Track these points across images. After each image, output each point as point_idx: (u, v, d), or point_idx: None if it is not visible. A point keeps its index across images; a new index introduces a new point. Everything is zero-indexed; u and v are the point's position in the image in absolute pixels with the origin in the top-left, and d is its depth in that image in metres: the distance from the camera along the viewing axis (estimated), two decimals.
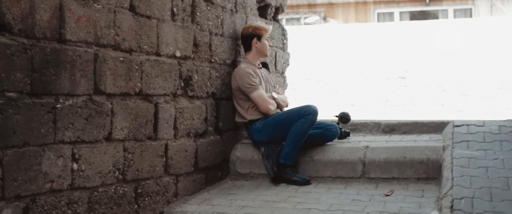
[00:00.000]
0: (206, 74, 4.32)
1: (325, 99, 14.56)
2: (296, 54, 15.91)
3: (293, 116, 4.39)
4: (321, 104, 14.70)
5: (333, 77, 14.98)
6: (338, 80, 14.88)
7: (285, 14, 19.08)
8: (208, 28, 4.35)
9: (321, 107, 14.95)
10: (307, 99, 14.89)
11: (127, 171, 3.45)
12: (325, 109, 14.26)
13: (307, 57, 15.83)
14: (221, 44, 4.54)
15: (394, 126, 5.04)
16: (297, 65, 15.58)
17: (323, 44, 16.10)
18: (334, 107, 14.37)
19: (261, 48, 4.67)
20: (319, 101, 14.52)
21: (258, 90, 4.49)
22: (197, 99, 4.21)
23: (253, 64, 4.66)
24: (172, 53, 3.88)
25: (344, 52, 15.73)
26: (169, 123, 3.84)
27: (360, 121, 5.20)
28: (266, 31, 4.69)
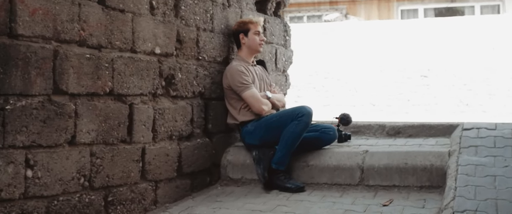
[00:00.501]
0: (192, 73, 4.02)
1: (345, 99, 14.18)
2: (315, 52, 15.57)
3: (285, 118, 4.08)
4: (341, 104, 14.33)
5: (353, 76, 14.58)
6: (358, 79, 14.47)
7: (306, 12, 18.71)
8: (195, 23, 4.06)
9: (344, 107, 14.54)
10: (326, 98, 14.54)
11: (94, 177, 3.18)
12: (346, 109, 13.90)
13: (327, 55, 15.44)
14: (210, 41, 4.25)
15: (400, 129, 4.67)
16: (316, 63, 15.22)
17: (343, 41, 15.68)
18: (353, 106, 13.98)
19: (250, 44, 4.36)
20: (338, 100, 14.15)
21: (250, 89, 4.18)
22: (181, 100, 3.93)
23: (246, 62, 4.36)
24: (150, 50, 3.60)
25: (365, 50, 15.29)
26: (146, 125, 3.56)
27: (363, 123, 4.85)
28: (253, 24, 4.38)
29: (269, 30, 5.17)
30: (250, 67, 4.36)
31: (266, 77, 4.51)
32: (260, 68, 4.53)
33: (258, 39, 4.40)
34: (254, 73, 4.35)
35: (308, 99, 14.56)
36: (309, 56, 15.45)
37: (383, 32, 15.66)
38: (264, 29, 5.10)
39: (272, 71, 5.20)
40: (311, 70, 15.07)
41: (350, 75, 14.58)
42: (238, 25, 4.39)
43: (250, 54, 4.41)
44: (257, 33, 4.40)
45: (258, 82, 4.35)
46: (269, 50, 5.17)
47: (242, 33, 4.34)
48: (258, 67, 4.52)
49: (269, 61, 5.15)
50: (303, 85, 14.79)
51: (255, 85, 4.29)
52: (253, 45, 4.38)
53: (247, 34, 4.35)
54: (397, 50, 14.72)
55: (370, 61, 14.65)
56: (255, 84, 4.30)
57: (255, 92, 4.20)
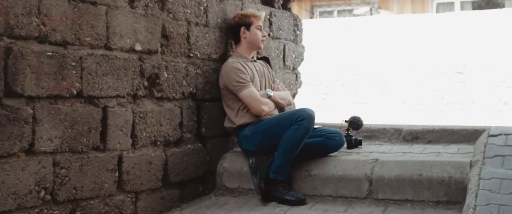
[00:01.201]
0: (181, 72, 3.64)
1: (374, 96, 13.62)
2: (344, 48, 15.02)
3: (284, 122, 3.66)
4: (371, 101, 13.76)
5: (384, 73, 13.99)
6: (389, 75, 13.89)
7: (336, 6, 18.15)
8: (185, 17, 3.67)
9: (373, 105, 13.86)
10: (355, 96, 14.01)
11: (58, 190, 2.82)
12: (376, 107, 13.32)
13: (356, 51, 14.87)
14: (204, 36, 3.85)
15: (418, 134, 4.20)
16: (345, 59, 14.67)
17: (374, 37, 15.06)
18: (383, 104, 13.41)
19: (251, 39, 3.95)
20: (367, 98, 13.60)
21: (248, 88, 3.77)
22: (167, 101, 3.55)
23: (244, 57, 3.95)
24: (129, 46, 3.23)
25: (396, 45, 14.65)
26: (123, 130, 3.19)
27: (378, 126, 4.39)
28: (256, 18, 3.97)
29: (276, 24, 4.75)
30: (249, 63, 3.95)
31: (268, 73, 4.09)
32: (262, 64, 4.11)
33: (260, 34, 3.99)
34: (254, 70, 3.94)
35: (336, 97, 14.05)
36: (338, 52, 14.92)
37: (416, 26, 14.97)
38: (270, 23, 4.68)
39: (279, 69, 4.78)
40: (340, 67, 14.54)
41: (380, 71, 14.01)
42: (239, 17, 3.98)
43: (249, 50, 4.01)
44: (259, 28, 3.99)
45: (258, 80, 3.94)
46: (276, 46, 4.75)
47: (243, 26, 3.94)
48: (259, 62, 4.11)
49: (276, 58, 4.73)
50: (332, 83, 14.28)
51: (255, 83, 3.88)
52: (254, 40, 3.97)
53: (249, 28, 3.95)
54: (431, 45, 14.05)
55: (401, 57, 14.03)
56: (255, 81, 3.89)
57: (253, 91, 3.78)
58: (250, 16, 3.98)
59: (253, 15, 3.99)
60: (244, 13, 4.02)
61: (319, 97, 14.17)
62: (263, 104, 3.79)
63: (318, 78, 14.80)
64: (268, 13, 4.65)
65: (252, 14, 4.00)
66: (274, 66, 4.69)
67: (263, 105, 3.79)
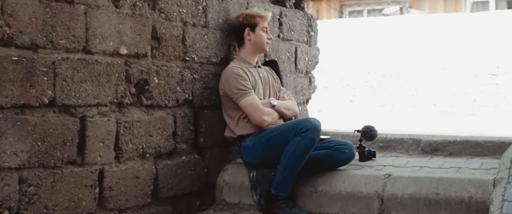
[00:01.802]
0: (175, 77, 3.34)
1: (404, 99, 13.14)
2: (373, 48, 14.55)
3: (287, 133, 3.32)
4: (400, 104, 13.27)
5: (414, 74, 13.49)
6: (419, 77, 13.38)
7: (366, 5, 17.67)
8: (180, 17, 3.37)
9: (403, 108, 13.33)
10: (384, 98, 13.54)
11: (25, 209, 2.55)
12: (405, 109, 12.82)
13: (385, 51, 14.39)
14: (202, 38, 3.55)
15: (438, 145, 3.81)
16: (374, 60, 14.21)
17: (404, 37, 14.55)
18: (413, 106, 12.92)
19: (256, 41, 3.62)
20: (397, 100, 13.12)
21: (248, 96, 3.45)
22: (159, 109, 3.25)
23: (247, 62, 3.63)
24: (112, 50, 2.94)
25: (427, 45, 14.12)
26: (106, 141, 2.90)
27: (394, 135, 4.01)
28: (262, 19, 3.64)
29: (287, 24, 4.41)
30: (252, 69, 3.62)
31: (273, 80, 3.76)
32: (267, 70, 3.79)
33: (266, 36, 3.67)
34: (257, 76, 3.61)
35: (364, 99, 13.60)
36: (367, 52, 14.47)
37: (448, 26, 14.41)
38: (280, 23, 4.35)
39: (290, 73, 4.44)
40: (369, 68, 14.09)
41: (410, 73, 13.51)
42: (244, 17, 3.66)
43: (253, 54, 3.68)
44: (265, 30, 3.67)
45: (262, 87, 3.61)
46: (287, 48, 4.41)
47: (248, 27, 3.62)
48: (265, 68, 3.78)
49: (286, 62, 4.39)
50: (360, 84, 13.84)
51: (257, 91, 3.55)
52: (260, 43, 3.65)
53: (254, 30, 3.62)
54: (463, 45, 13.50)
55: (432, 58, 13.51)
56: (257, 89, 3.56)
57: (254, 99, 3.46)
58: (255, 16, 3.65)
59: (258, 16, 3.66)
60: (249, 13, 3.70)
61: (347, 99, 13.74)
62: (265, 114, 3.46)
63: (346, 80, 14.38)
64: (278, 12, 4.32)
65: (257, 14, 3.67)
66: (285, 70, 4.36)
67: (265, 116, 3.46)
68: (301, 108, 4.65)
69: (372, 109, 13.18)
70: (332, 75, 14.40)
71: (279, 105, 3.59)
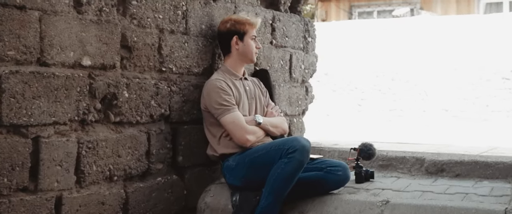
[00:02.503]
0: (150, 90, 3.01)
1: (414, 103, 12.73)
2: (382, 51, 14.14)
3: (273, 153, 2.97)
4: (410, 108, 12.85)
5: (424, 77, 13.08)
6: (429, 80, 12.97)
7: (376, 6, 17.26)
8: (156, 23, 3.03)
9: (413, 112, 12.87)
10: (393, 102, 13.14)
11: None
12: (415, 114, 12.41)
13: (395, 54, 13.99)
14: (182, 46, 3.21)
15: (443, 165, 3.44)
16: (383, 63, 13.81)
17: (414, 39, 14.13)
18: (423, 111, 12.51)
19: (244, 50, 3.28)
20: (406, 104, 12.72)
21: (231, 112, 3.10)
22: (130, 126, 2.92)
23: (233, 74, 3.28)
24: (73, 61, 2.61)
25: (438, 48, 13.69)
26: (64, 164, 2.58)
27: (396, 153, 3.64)
28: (251, 26, 3.29)
29: (280, 30, 4.07)
30: (237, 81, 3.28)
31: (261, 94, 3.41)
32: (254, 82, 3.44)
33: (254, 45, 3.32)
34: (242, 90, 3.27)
35: (372, 103, 13.21)
36: (376, 55, 14.07)
37: (460, 28, 13.98)
38: (273, 29, 4.00)
39: (284, 83, 4.09)
40: (378, 71, 13.70)
41: (420, 76, 13.10)
42: (232, 24, 3.30)
43: (240, 64, 3.33)
44: (254, 38, 3.32)
45: (247, 102, 3.26)
46: (280, 55, 4.07)
47: (236, 35, 3.27)
48: (252, 80, 3.44)
49: (279, 71, 4.05)
50: (368, 88, 13.45)
51: (242, 106, 3.20)
52: (248, 53, 3.29)
53: (243, 38, 3.27)
54: (476, 48, 13.08)
55: (443, 62, 13.10)
56: (242, 104, 3.21)
57: (237, 117, 3.11)
58: (245, 23, 3.29)
59: (248, 22, 3.30)
60: (237, 19, 3.33)
61: (355, 103, 13.36)
62: (248, 133, 3.10)
63: (354, 83, 14.00)
64: (271, 17, 3.98)
65: (247, 20, 3.31)
66: (278, 80, 4.01)
67: (249, 135, 3.10)
68: (296, 120, 4.30)
69: (381, 113, 12.80)
70: (340, 78, 14.03)
71: (265, 123, 3.23)
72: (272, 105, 3.45)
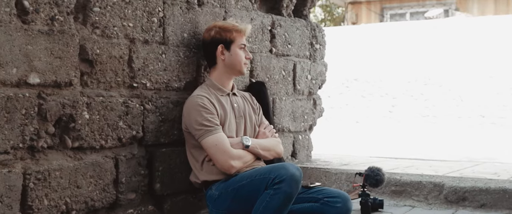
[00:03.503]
0: (117, 109, 2.61)
1: (448, 109, 12.09)
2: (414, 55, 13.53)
3: (257, 183, 2.53)
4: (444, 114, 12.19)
5: (458, 82, 12.44)
6: (464, 85, 12.34)
7: (409, 8, 16.62)
8: (125, 32, 2.64)
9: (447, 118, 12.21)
10: (426, 109, 12.52)
11: None
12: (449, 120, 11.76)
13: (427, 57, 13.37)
14: (158, 58, 2.81)
15: (466, 193, 2.95)
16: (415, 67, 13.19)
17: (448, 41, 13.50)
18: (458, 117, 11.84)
19: (232, 62, 2.86)
20: (440, 110, 12.08)
21: (213, 134, 2.68)
22: (92, 152, 2.53)
23: (218, 88, 2.86)
24: (17, 79, 2.24)
25: (474, 51, 13.03)
26: (6, 200, 2.20)
27: (411, 177, 3.17)
28: (239, 33, 2.86)
29: (282, 37, 3.64)
30: (224, 97, 2.85)
31: (252, 111, 2.98)
32: (245, 98, 3.01)
33: (244, 55, 2.89)
34: (229, 107, 2.84)
35: (404, 110, 12.61)
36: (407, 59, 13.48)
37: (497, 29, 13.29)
38: (273, 36, 3.58)
39: (286, 96, 3.66)
40: (409, 76, 13.11)
41: (454, 81, 12.47)
42: (217, 31, 2.86)
43: (227, 77, 2.91)
44: (243, 47, 2.89)
45: (234, 122, 2.83)
46: (282, 65, 3.64)
47: (222, 44, 2.85)
48: (243, 95, 3.01)
49: (281, 82, 3.62)
50: (399, 93, 12.87)
51: (227, 126, 2.77)
52: (236, 64, 2.86)
53: (229, 47, 2.85)
54: None
55: (479, 65, 12.43)
56: (228, 124, 2.78)
57: (221, 138, 2.68)
58: (231, 30, 2.86)
59: (235, 29, 2.87)
60: (223, 26, 2.89)
61: (385, 110, 12.80)
62: (233, 158, 2.67)
63: (385, 89, 13.44)
64: (269, 22, 3.55)
65: (234, 27, 2.88)
66: (279, 93, 3.59)
67: (233, 160, 2.67)
68: (302, 137, 3.86)
69: (413, 119, 12.20)
70: (370, 84, 13.47)
71: (254, 145, 2.79)
72: (265, 125, 3.00)
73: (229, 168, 2.66)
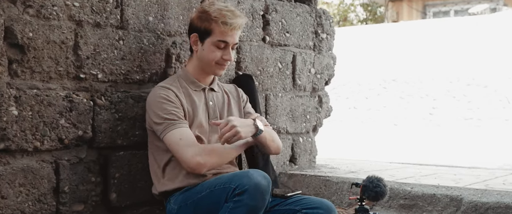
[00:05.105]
0: (57, 105, 2.19)
1: (493, 111, 11.31)
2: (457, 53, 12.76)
3: (218, 194, 2.05)
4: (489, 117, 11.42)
5: (505, 82, 11.64)
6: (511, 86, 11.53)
7: (453, 5, 15.81)
8: (69, 13, 2.22)
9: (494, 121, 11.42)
10: (469, 111, 11.75)
11: None
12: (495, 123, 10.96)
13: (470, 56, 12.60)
14: (114, 45, 2.38)
15: (488, 210, 2.39)
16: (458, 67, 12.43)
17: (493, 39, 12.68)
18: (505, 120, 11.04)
19: (202, 56, 2.34)
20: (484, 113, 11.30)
21: (177, 128, 2.20)
22: (23, 156, 2.12)
23: (192, 82, 2.38)
24: None
25: None
26: None
27: (424, 188, 2.62)
28: (221, 27, 2.28)
29: (278, 24, 3.16)
30: (197, 92, 2.36)
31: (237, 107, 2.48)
32: (230, 91, 2.52)
33: (219, 55, 2.33)
34: (202, 105, 2.35)
35: (445, 112, 11.88)
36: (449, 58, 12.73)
37: None
38: (266, 22, 3.10)
39: (283, 92, 3.18)
40: (451, 76, 12.37)
41: (500, 81, 11.67)
42: (197, 16, 2.36)
43: (201, 72, 2.41)
44: (221, 46, 2.32)
45: (206, 122, 2.33)
46: (278, 56, 3.16)
47: (196, 33, 2.35)
48: (226, 90, 2.51)
49: (276, 76, 3.14)
50: (441, 94, 12.15)
51: (196, 124, 2.30)
52: (207, 62, 2.34)
53: (204, 40, 2.33)
54: None
55: None
56: (197, 125, 2.30)
57: (186, 133, 2.21)
58: (212, 20, 2.29)
59: (218, 21, 2.28)
60: (205, 10, 2.33)
61: (425, 112, 12.10)
62: (200, 153, 2.17)
63: (425, 90, 12.75)
64: (262, 7, 3.08)
65: (217, 18, 2.28)
66: (274, 88, 3.11)
67: (201, 156, 2.16)
68: (303, 139, 3.36)
69: (455, 123, 11.46)
70: (409, 84, 12.79)
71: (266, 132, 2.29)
72: (254, 115, 2.47)
73: (196, 165, 2.16)
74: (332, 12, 24.03)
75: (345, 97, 12.65)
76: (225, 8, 2.32)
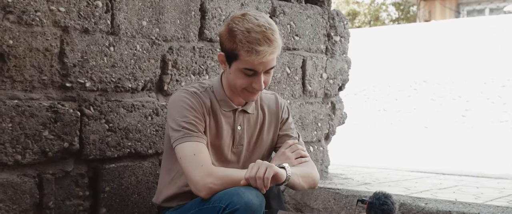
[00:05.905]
0: (41, 116, 2.07)
1: None
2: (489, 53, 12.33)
3: (206, 213, 1.89)
4: None
5: None
6: None
7: (488, 3, 15.34)
8: (54, 19, 2.10)
9: None
10: (504, 113, 11.34)
11: None
12: None
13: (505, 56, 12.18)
14: (104, 52, 2.25)
15: None
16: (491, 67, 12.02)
17: None
18: None
19: (229, 80, 2.05)
20: None
21: (194, 141, 1.96)
22: (3, 170, 2.00)
23: (224, 100, 2.09)
24: None
25: None
26: None
27: (439, 204, 2.42)
28: (250, 55, 1.91)
29: (285, 26, 2.99)
30: (227, 113, 2.09)
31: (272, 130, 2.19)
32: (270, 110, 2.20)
33: (248, 82, 2.00)
34: (227, 130, 2.09)
35: (479, 114, 11.49)
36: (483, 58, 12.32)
37: None
38: None
39: (293, 99, 3.01)
40: (485, 77, 11.96)
41: None
42: (227, 29, 1.98)
43: (233, 93, 2.09)
44: (249, 73, 1.98)
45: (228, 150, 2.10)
46: (286, 61, 2.99)
47: (225, 54, 2.02)
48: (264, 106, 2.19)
49: (284, 82, 2.97)
50: (474, 96, 11.76)
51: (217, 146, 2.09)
52: (233, 86, 2.04)
53: (231, 63, 2.01)
54: None
55: None
56: (221, 144, 2.09)
57: (202, 149, 1.97)
58: (239, 45, 1.92)
59: (246, 49, 1.90)
60: (233, 29, 1.94)
61: (458, 114, 11.74)
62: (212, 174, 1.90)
63: (457, 91, 12.38)
64: (269, 9, 2.92)
65: (245, 43, 1.90)
66: (281, 95, 2.94)
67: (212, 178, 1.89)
68: (314, 148, 3.19)
69: (489, 125, 11.07)
70: (441, 85, 12.43)
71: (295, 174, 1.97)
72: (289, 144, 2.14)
73: (206, 189, 1.90)
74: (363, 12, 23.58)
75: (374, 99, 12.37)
76: (256, 29, 1.90)
